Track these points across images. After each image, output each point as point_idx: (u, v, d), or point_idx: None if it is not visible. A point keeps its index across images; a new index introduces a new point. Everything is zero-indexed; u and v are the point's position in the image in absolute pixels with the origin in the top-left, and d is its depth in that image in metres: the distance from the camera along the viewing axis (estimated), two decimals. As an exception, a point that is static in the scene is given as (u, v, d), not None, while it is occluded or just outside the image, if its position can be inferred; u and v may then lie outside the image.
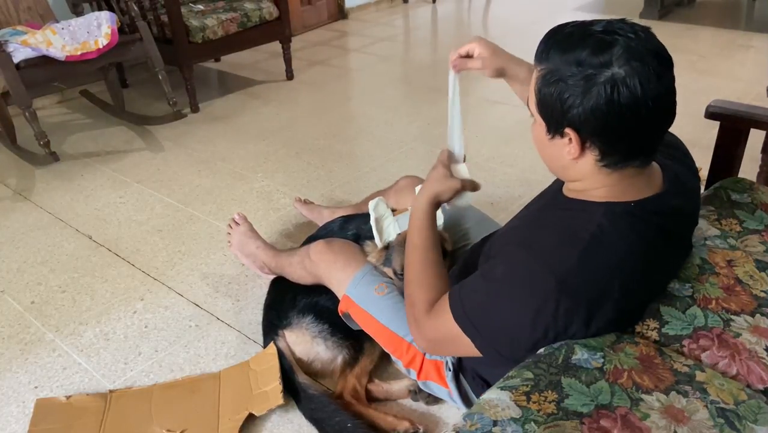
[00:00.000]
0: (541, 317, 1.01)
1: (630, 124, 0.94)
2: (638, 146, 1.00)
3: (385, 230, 1.56)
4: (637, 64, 0.92)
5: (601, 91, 0.92)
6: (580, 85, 0.94)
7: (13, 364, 1.73)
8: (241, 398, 1.53)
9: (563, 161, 1.04)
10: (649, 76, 0.92)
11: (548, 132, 1.03)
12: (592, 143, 0.99)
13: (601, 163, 1.01)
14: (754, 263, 1.20)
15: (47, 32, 2.72)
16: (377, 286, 1.51)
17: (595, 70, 0.93)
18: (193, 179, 2.72)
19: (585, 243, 1.00)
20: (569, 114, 0.96)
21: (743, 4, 5.42)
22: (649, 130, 0.98)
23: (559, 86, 0.96)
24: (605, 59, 0.92)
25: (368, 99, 3.67)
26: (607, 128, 0.95)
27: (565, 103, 0.96)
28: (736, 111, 1.57)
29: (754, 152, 1.68)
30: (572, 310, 1.00)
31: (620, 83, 0.91)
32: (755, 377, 1.01)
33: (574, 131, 0.98)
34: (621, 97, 0.92)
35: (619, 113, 0.93)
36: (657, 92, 0.94)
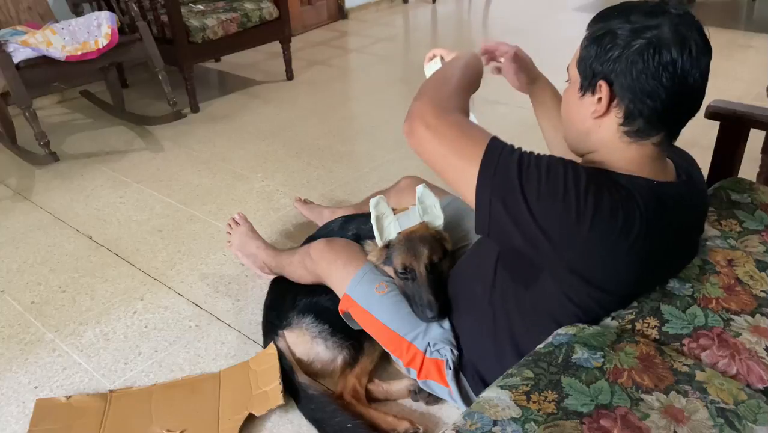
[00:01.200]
0: (557, 216, 0.99)
1: (659, 86, 0.98)
2: (660, 115, 1.02)
3: (386, 229, 1.56)
4: (684, 34, 0.98)
5: (643, 46, 0.98)
6: (625, 38, 0.99)
7: (13, 364, 1.73)
8: (241, 398, 1.53)
9: (587, 124, 1.07)
10: (691, 50, 0.98)
11: (581, 89, 1.07)
12: (620, 101, 1.02)
13: (623, 128, 1.04)
14: (754, 263, 1.20)
15: (47, 32, 2.72)
16: (378, 285, 1.51)
17: (643, 28, 0.98)
18: (193, 179, 2.72)
19: (624, 194, 1.00)
20: (607, 64, 1.01)
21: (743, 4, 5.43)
22: (674, 101, 1.00)
23: (606, 38, 1.01)
24: (655, 23, 0.98)
25: (368, 99, 3.67)
26: (638, 84, 0.99)
27: (607, 53, 1.01)
28: (736, 111, 1.57)
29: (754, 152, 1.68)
30: (582, 237, 0.99)
31: (662, 44, 0.97)
32: (755, 376, 1.01)
33: (606, 84, 1.02)
34: (660, 57, 0.97)
35: (654, 73, 0.98)
36: (691, 68, 0.99)
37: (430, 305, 1.42)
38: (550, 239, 1.01)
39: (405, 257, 1.51)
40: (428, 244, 1.52)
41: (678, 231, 1.10)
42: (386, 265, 1.56)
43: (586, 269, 1.06)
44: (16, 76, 2.65)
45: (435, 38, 5.08)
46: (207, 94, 3.71)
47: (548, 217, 1.00)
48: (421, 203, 1.57)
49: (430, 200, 1.58)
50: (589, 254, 1.03)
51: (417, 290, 1.46)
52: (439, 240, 1.57)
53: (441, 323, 1.43)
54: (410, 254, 1.51)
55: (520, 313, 1.22)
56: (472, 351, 1.36)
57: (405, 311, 1.47)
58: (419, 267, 1.49)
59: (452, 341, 1.40)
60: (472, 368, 1.36)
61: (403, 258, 1.51)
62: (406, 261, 1.50)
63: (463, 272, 1.45)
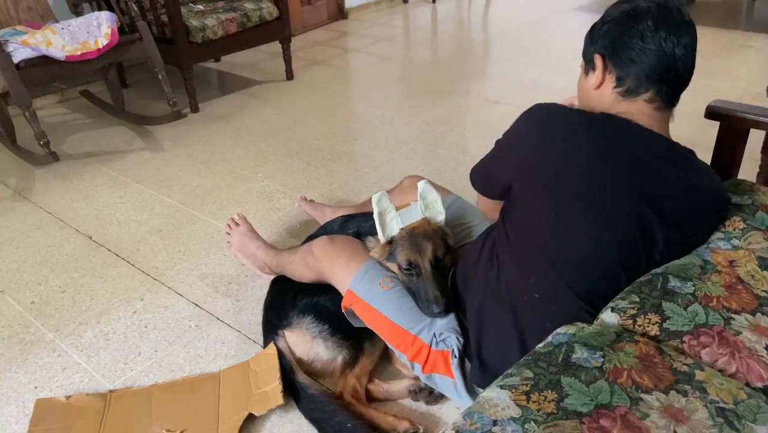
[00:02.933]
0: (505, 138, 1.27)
1: (641, 50, 1.17)
2: (645, 75, 1.18)
3: (388, 225, 1.56)
4: (664, 9, 1.17)
5: (625, 14, 1.19)
6: (611, 14, 1.22)
7: (13, 364, 1.73)
8: (241, 398, 1.53)
9: (592, 97, 1.26)
10: (667, 19, 1.16)
11: (584, 72, 1.29)
12: (612, 68, 1.21)
13: (617, 89, 1.22)
14: (756, 262, 1.20)
15: (47, 32, 2.72)
16: (381, 280, 1.51)
17: (631, 5, 1.20)
18: (193, 179, 2.72)
19: (596, 115, 1.21)
20: (599, 39, 1.23)
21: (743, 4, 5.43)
22: (654, 64, 1.17)
23: (598, 22, 1.25)
24: (646, 4, 1.18)
25: (368, 99, 3.67)
26: (622, 50, 1.19)
27: (601, 29, 1.23)
28: (736, 111, 1.57)
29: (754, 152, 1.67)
30: (527, 133, 1.23)
31: (643, 14, 1.17)
32: (754, 375, 1.01)
33: (599, 56, 1.22)
34: (639, 24, 1.16)
35: (635, 35, 1.17)
36: (668, 34, 1.15)
37: (436, 300, 1.42)
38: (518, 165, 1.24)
39: (409, 252, 1.51)
40: (432, 239, 1.53)
41: (649, 182, 1.17)
42: (389, 261, 1.56)
43: (542, 174, 1.21)
44: (16, 76, 2.65)
45: (435, 38, 5.08)
46: (207, 94, 3.71)
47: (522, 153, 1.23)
48: (423, 199, 1.58)
49: (431, 196, 1.58)
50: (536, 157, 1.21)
51: (422, 285, 1.47)
52: (441, 235, 1.57)
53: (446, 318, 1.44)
54: (414, 249, 1.51)
55: (511, 258, 1.29)
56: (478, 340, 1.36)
57: (409, 306, 1.47)
58: (424, 263, 1.50)
59: (457, 329, 1.41)
60: (479, 357, 1.36)
61: (407, 254, 1.51)
62: (410, 257, 1.50)
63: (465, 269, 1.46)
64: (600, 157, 1.17)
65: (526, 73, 3.82)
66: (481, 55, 4.53)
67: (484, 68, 4.13)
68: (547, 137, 1.20)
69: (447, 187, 1.99)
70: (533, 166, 1.21)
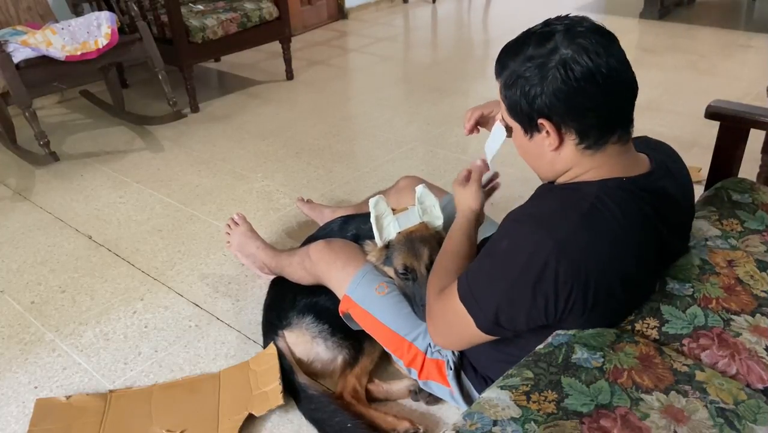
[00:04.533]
0: (541, 284, 1.01)
1: (592, 96, 1.00)
2: (608, 119, 1.04)
3: (385, 229, 1.56)
4: (580, 42, 0.99)
5: (556, 73, 0.99)
6: (536, 75, 1.01)
7: (13, 364, 1.73)
8: (241, 399, 1.53)
9: (548, 156, 1.09)
10: (596, 50, 0.98)
11: (526, 133, 1.10)
12: (567, 127, 1.04)
13: (581, 146, 1.05)
14: (754, 262, 1.20)
15: (47, 32, 2.72)
16: (378, 285, 1.51)
17: (544, 59, 1.00)
18: (193, 179, 2.72)
19: (586, 209, 1.03)
20: (536, 104, 1.03)
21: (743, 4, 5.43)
22: (612, 100, 1.02)
23: (519, 84, 1.04)
24: (551, 47, 1.00)
25: (368, 99, 3.67)
26: (573, 106, 1.01)
27: (529, 95, 1.03)
28: (736, 111, 1.57)
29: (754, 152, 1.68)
30: (572, 276, 1.00)
31: (571, 62, 0.98)
32: (755, 376, 1.01)
33: (546, 120, 1.04)
34: (575, 73, 0.98)
35: (579, 89, 0.99)
36: (608, 63, 0.99)
37: None
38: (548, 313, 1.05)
39: (406, 257, 1.51)
40: (428, 244, 1.52)
41: (661, 219, 1.10)
42: (386, 265, 1.56)
43: (597, 293, 1.04)
44: (16, 76, 2.65)
45: (435, 38, 5.08)
46: (207, 94, 3.71)
47: (527, 319, 1.07)
48: (421, 203, 1.57)
49: (429, 200, 1.58)
50: (590, 280, 1.02)
51: (418, 290, 1.46)
52: (438, 240, 1.56)
53: None
54: (411, 254, 1.51)
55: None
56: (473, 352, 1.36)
57: (405, 312, 1.47)
58: (420, 267, 1.49)
59: None
60: (473, 368, 1.36)
61: (403, 258, 1.51)
62: (406, 261, 1.50)
63: None
64: (651, 252, 1.11)
65: (526, 73, 3.82)
66: (481, 55, 4.53)
67: (484, 68, 4.13)
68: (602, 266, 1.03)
69: (446, 187, 1.99)
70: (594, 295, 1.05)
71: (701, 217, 1.36)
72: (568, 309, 1.03)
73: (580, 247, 1.00)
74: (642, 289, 1.14)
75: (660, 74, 3.71)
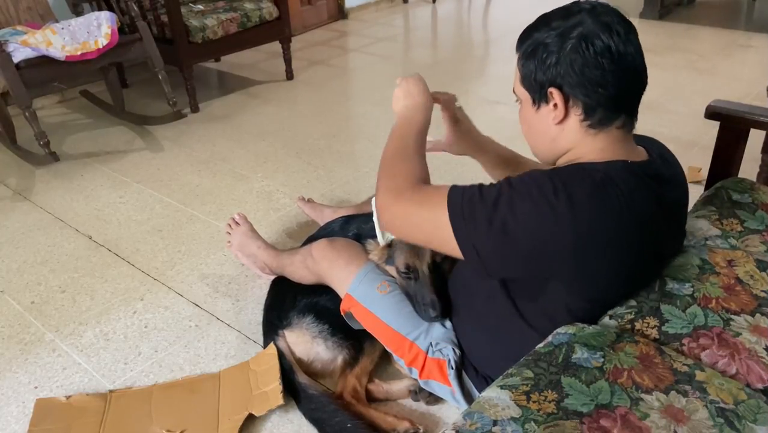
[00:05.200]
0: (541, 229, 1.00)
1: (605, 73, 1.02)
2: (616, 100, 1.05)
3: (388, 228, 1.56)
4: (603, 22, 1.03)
5: (576, 44, 1.02)
6: (556, 43, 1.04)
7: (13, 364, 1.73)
8: (241, 399, 1.53)
9: (551, 132, 1.11)
10: (617, 31, 1.02)
11: (534, 103, 1.11)
12: (575, 99, 1.06)
13: (586, 122, 1.07)
14: (754, 262, 1.20)
15: (47, 32, 2.72)
16: (380, 284, 1.51)
17: (568, 29, 1.04)
18: (193, 179, 2.72)
19: (599, 179, 1.02)
20: (550, 72, 1.05)
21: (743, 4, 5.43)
22: (623, 82, 1.04)
23: (538, 51, 1.07)
24: (575, 21, 1.04)
25: (368, 99, 3.67)
26: (586, 79, 1.03)
27: (545, 62, 1.06)
28: (736, 111, 1.57)
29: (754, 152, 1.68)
30: (571, 243, 1.00)
31: (591, 35, 1.02)
32: (755, 376, 1.01)
33: (556, 89, 1.06)
34: (594, 47, 1.02)
35: (594, 62, 1.02)
36: (625, 47, 1.03)
37: (433, 304, 1.42)
38: (544, 252, 1.03)
39: (408, 256, 1.51)
40: None
41: (662, 205, 1.11)
42: (388, 264, 1.56)
43: (587, 264, 1.05)
44: (16, 76, 2.65)
45: (435, 38, 5.08)
46: (207, 94, 3.71)
47: (532, 235, 1.01)
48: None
49: None
50: (584, 248, 1.03)
51: (419, 289, 1.46)
52: None
53: (443, 322, 1.44)
54: (413, 253, 1.51)
55: (521, 317, 1.22)
56: (474, 352, 1.36)
57: (407, 311, 1.47)
58: (422, 266, 1.49)
59: (454, 340, 1.40)
60: (475, 368, 1.36)
61: (405, 257, 1.51)
62: (408, 260, 1.50)
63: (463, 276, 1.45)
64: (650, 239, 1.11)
65: (526, 73, 3.82)
66: (481, 55, 4.53)
67: (484, 68, 4.13)
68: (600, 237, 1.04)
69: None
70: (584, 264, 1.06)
71: (701, 216, 1.36)
72: (555, 265, 1.04)
73: (587, 217, 1.00)
74: (639, 269, 1.14)
75: (660, 74, 3.71)
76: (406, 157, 1.20)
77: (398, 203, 1.14)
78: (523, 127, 1.19)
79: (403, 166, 1.19)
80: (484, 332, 1.32)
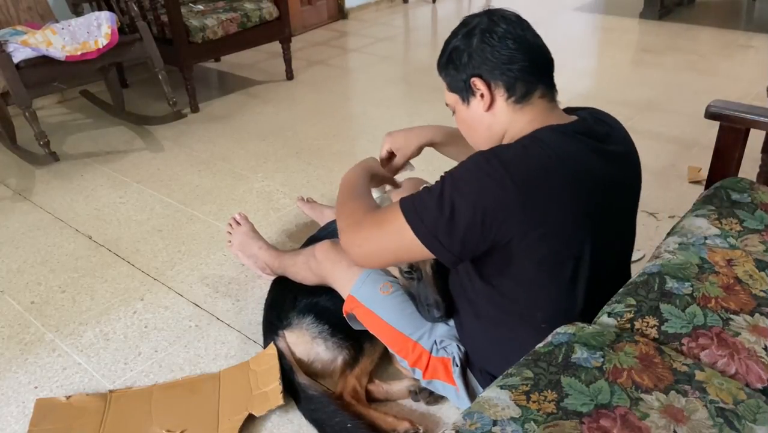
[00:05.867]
0: (485, 193, 1.08)
1: (512, 52, 1.16)
2: (530, 72, 1.17)
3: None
4: (497, 18, 1.18)
5: (480, 37, 1.17)
6: (464, 43, 1.19)
7: (13, 364, 1.73)
8: (241, 399, 1.53)
9: (486, 120, 1.22)
10: (510, 21, 1.18)
11: (464, 101, 1.23)
12: (495, 82, 1.18)
13: (511, 99, 1.18)
14: (753, 262, 1.21)
15: (47, 32, 2.72)
16: (382, 285, 1.51)
17: (469, 30, 1.19)
18: (193, 179, 2.72)
19: (527, 141, 1.13)
20: (468, 68, 1.19)
21: (743, 4, 5.43)
22: (529, 57, 1.17)
23: (453, 56, 1.21)
24: (474, 23, 1.20)
25: (368, 99, 3.67)
26: (497, 60, 1.16)
27: (462, 62, 1.19)
28: (736, 111, 1.57)
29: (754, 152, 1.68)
30: (512, 187, 1.06)
31: (491, 27, 1.17)
32: (754, 376, 1.01)
33: (477, 78, 1.18)
34: (496, 34, 1.16)
35: (500, 45, 1.16)
36: (522, 32, 1.18)
37: (437, 304, 1.42)
38: (495, 215, 1.08)
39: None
40: None
41: (603, 156, 1.16)
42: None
43: (536, 209, 1.09)
44: (16, 76, 2.65)
45: (435, 38, 5.08)
46: (207, 94, 3.71)
47: (480, 203, 1.08)
48: None
49: None
50: (527, 195, 1.08)
51: (423, 289, 1.46)
52: None
53: (446, 322, 1.44)
54: None
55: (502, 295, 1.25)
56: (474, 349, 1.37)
57: (410, 311, 1.47)
58: (425, 267, 1.49)
59: (458, 337, 1.41)
60: (479, 364, 1.36)
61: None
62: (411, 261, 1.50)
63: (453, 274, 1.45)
64: (591, 186, 1.16)
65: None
66: (481, 55, 4.53)
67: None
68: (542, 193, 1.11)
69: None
70: (536, 226, 1.12)
71: (701, 216, 1.36)
72: (507, 225, 1.08)
73: (521, 169, 1.08)
74: (592, 213, 1.16)
75: (660, 74, 3.71)
76: (356, 197, 1.33)
77: (360, 232, 1.23)
78: (463, 129, 1.30)
79: (354, 204, 1.30)
80: (480, 326, 1.33)
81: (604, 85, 3.64)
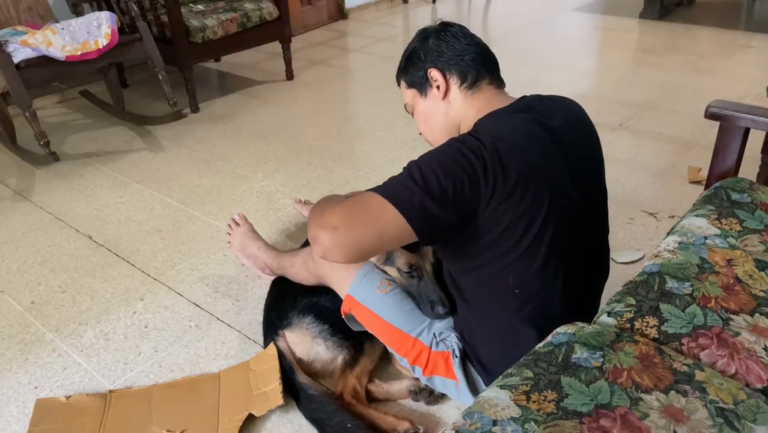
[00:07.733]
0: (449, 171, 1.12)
1: (463, 45, 1.32)
2: (480, 63, 1.32)
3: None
4: (447, 23, 1.38)
5: (434, 37, 1.34)
6: (420, 44, 1.36)
7: (13, 364, 1.73)
8: (241, 399, 1.53)
9: (442, 108, 1.34)
10: (462, 27, 1.37)
11: (422, 94, 1.37)
12: (450, 72, 1.32)
13: (464, 86, 1.32)
14: (753, 262, 1.21)
15: (47, 32, 2.72)
16: (380, 283, 1.51)
17: (426, 34, 1.37)
18: (193, 179, 2.72)
19: (477, 125, 1.23)
20: (425, 63, 1.34)
21: (743, 4, 5.43)
22: (477, 51, 1.33)
23: (412, 58, 1.37)
24: (430, 29, 1.37)
25: (368, 99, 3.67)
26: (451, 53, 1.32)
27: (420, 60, 1.35)
28: (736, 111, 1.57)
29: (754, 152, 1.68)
30: (473, 158, 1.11)
31: (443, 28, 1.36)
32: (754, 376, 1.01)
33: (433, 68, 1.33)
34: (449, 33, 1.34)
35: (453, 41, 1.33)
36: (472, 34, 1.36)
37: (441, 301, 1.42)
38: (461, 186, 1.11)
39: (410, 256, 1.51)
40: None
41: (550, 130, 1.21)
42: (387, 265, 1.56)
43: (497, 178, 1.12)
44: (16, 76, 2.65)
45: (435, 38, 5.08)
46: (207, 94, 3.71)
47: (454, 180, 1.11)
48: None
49: None
50: (487, 164, 1.12)
51: (425, 288, 1.47)
52: None
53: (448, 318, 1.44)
54: (415, 252, 1.51)
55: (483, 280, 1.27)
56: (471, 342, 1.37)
57: (408, 308, 1.47)
58: (425, 265, 1.50)
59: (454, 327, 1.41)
60: (472, 354, 1.37)
61: (408, 257, 1.51)
62: (411, 260, 1.50)
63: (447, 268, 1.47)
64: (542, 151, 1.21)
65: (526, 73, 3.82)
66: (481, 55, 4.53)
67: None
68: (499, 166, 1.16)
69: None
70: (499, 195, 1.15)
71: (700, 216, 1.36)
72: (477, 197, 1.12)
73: (477, 143, 1.14)
74: (553, 178, 1.19)
75: (660, 74, 3.71)
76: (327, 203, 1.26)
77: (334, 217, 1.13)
78: (421, 124, 1.41)
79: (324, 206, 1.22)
80: (469, 309, 1.36)
81: (604, 86, 3.64)
